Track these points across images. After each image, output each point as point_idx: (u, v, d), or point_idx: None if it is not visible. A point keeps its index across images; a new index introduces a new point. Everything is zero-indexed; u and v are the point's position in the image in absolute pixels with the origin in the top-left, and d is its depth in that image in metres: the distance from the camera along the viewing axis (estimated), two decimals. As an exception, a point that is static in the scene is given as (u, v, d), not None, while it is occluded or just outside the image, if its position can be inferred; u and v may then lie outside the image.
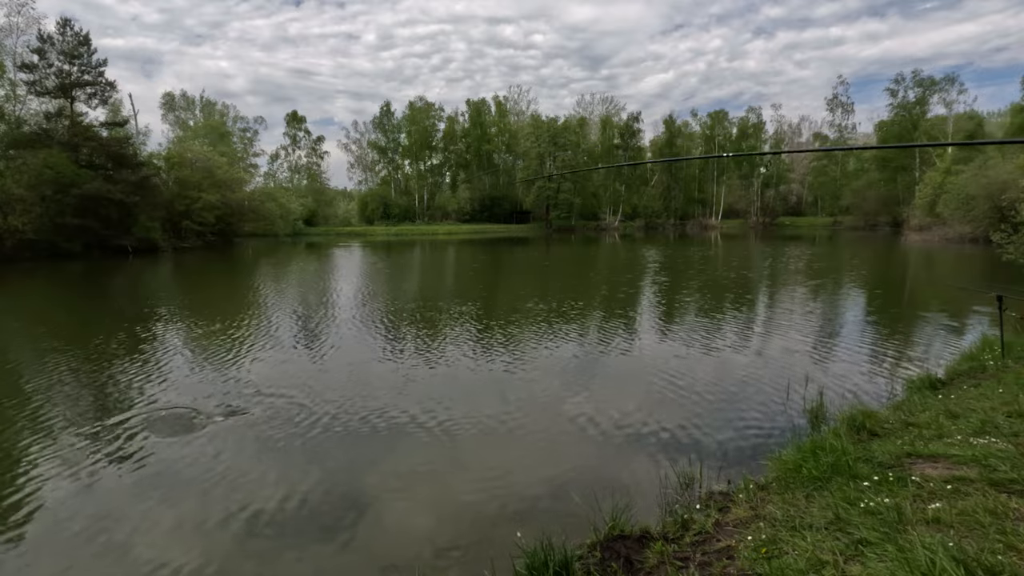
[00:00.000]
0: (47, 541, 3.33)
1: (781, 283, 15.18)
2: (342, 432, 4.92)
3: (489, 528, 3.37)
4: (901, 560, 2.04)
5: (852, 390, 5.72)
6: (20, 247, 26.67)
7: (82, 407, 5.67)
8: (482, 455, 4.42)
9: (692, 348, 7.80)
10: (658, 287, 14.91)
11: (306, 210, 56.13)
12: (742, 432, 4.65)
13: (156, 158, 40.58)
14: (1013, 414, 3.84)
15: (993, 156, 36.96)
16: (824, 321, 9.75)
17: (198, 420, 5.19)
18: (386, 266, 20.29)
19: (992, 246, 16.47)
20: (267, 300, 13.34)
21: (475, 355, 7.57)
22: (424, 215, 66.11)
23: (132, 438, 4.84)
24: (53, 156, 28.92)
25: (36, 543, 3.31)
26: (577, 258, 27.85)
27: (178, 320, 10.66)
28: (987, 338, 6.70)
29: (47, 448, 4.61)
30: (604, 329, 9.19)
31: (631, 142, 65.69)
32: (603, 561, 2.65)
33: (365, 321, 10.20)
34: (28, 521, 3.54)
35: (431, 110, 65.69)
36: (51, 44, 32.40)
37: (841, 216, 61.47)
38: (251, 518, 3.54)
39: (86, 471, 4.22)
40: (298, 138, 64.56)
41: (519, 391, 5.99)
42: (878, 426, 3.95)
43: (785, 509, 2.81)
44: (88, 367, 7.17)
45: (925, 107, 54.26)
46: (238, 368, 7.01)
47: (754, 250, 29.68)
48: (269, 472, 4.17)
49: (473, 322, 9.92)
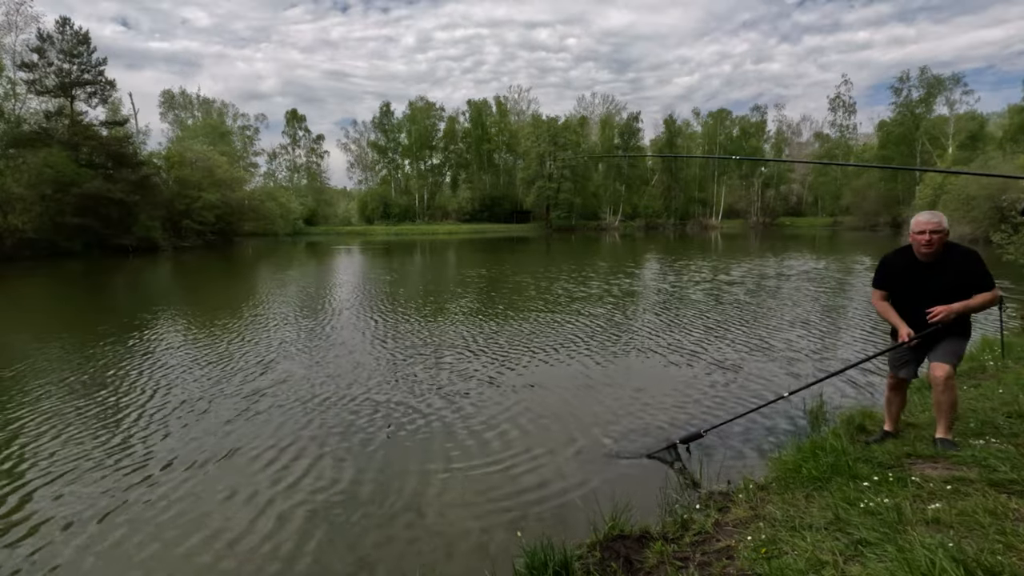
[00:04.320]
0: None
1: (786, 281, 15.18)
2: (340, 432, 4.92)
3: (489, 527, 3.37)
4: (901, 560, 2.04)
5: (852, 390, 5.72)
6: (20, 246, 26.71)
7: (83, 410, 5.67)
8: (481, 455, 4.42)
9: (692, 348, 7.79)
10: (663, 281, 14.91)
11: (306, 209, 56.17)
12: (742, 432, 4.64)
13: (156, 157, 40.59)
14: (1013, 414, 3.84)
15: (994, 156, 36.98)
16: (824, 321, 9.75)
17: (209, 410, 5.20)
18: (391, 278, 20.28)
19: (992, 246, 16.47)
20: (267, 300, 13.35)
21: (475, 356, 7.57)
22: (424, 215, 66.14)
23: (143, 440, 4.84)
24: (53, 155, 28.95)
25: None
26: (579, 254, 27.87)
27: (179, 319, 10.67)
28: (987, 338, 6.70)
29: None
30: (604, 330, 9.19)
31: (631, 142, 65.69)
32: (603, 561, 2.65)
33: (365, 323, 10.21)
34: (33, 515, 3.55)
35: (431, 110, 65.69)
36: (51, 43, 32.41)
37: (841, 216, 61.50)
38: (249, 518, 3.54)
39: (98, 475, 4.22)
40: (298, 137, 64.51)
41: (519, 391, 5.99)
42: (878, 426, 3.95)
43: (785, 509, 2.81)
44: (87, 368, 7.17)
45: (931, 105, 54.13)
46: (240, 364, 7.03)
47: (753, 250, 29.69)
48: (259, 468, 4.18)
49: (472, 319, 9.93)
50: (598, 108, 73.29)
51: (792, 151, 74.36)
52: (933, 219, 3.27)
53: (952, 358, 3.29)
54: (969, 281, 3.23)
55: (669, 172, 70.02)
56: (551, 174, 60.84)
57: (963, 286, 3.23)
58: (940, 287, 3.27)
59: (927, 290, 3.31)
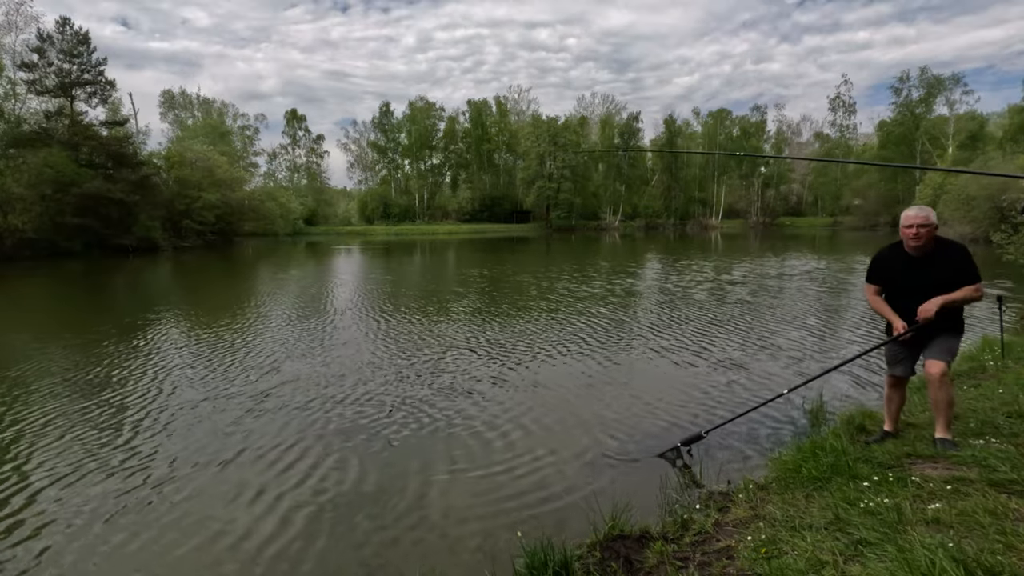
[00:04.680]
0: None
1: (787, 281, 15.18)
2: (343, 432, 4.92)
3: (489, 527, 3.37)
4: (901, 560, 2.05)
5: (852, 390, 5.72)
6: (20, 246, 26.71)
7: (85, 412, 5.67)
8: (483, 455, 4.42)
9: (693, 347, 7.80)
10: (664, 281, 14.91)
11: (306, 209, 56.18)
12: (742, 432, 4.65)
13: (156, 157, 40.60)
14: (1013, 414, 3.84)
15: (994, 156, 36.98)
16: (824, 321, 9.75)
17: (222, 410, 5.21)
18: (391, 281, 20.27)
19: (992, 246, 16.46)
20: (269, 300, 13.36)
21: (476, 356, 7.57)
22: (424, 215, 66.13)
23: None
24: (53, 155, 28.96)
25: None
26: (579, 254, 27.86)
27: (180, 319, 10.67)
28: (987, 338, 6.69)
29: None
30: (605, 329, 9.19)
31: (631, 142, 65.68)
32: (603, 561, 2.65)
33: (366, 323, 10.21)
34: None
35: (431, 110, 65.67)
36: (51, 43, 32.41)
37: (841, 216, 61.47)
38: (253, 519, 3.55)
39: (98, 475, 4.22)
40: (298, 137, 64.50)
41: (520, 391, 5.99)
42: (878, 426, 3.95)
43: (785, 509, 2.81)
44: (89, 368, 7.17)
45: (931, 105, 54.12)
46: (243, 363, 7.03)
47: (753, 249, 29.69)
48: (260, 470, 4.18)
49: (473, 319, 9.93)
50: (598, 108, 73.33)
51: (792, 151, 74.34)
52: (921, 213, 3.36)
53: (946, 355, 3.34)
54: (958, 275, 3.29)
55: (669, 172, 70.02)
56: (551, 174, 60.86)
57: (953, 279, 3.29)
58: (931, 280, 3.33)
59: (918, 283, 3.37)
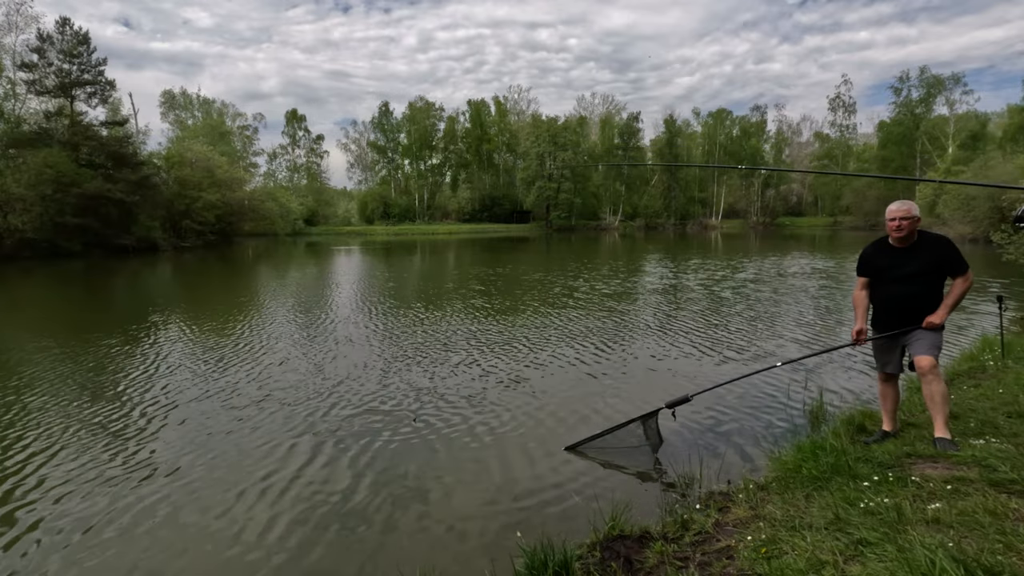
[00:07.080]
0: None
1: (786, 281, 15.18)
2: (344, 433, 4.92)
3: (489, 527, 3.37)
4: (901, 560, 2.05)
5: (852, 390, 5.72)
6: (20, 246, 26.74)
7: (85, 416, 5.67)
8: (483, 455, 4.42)
9: (692, 347, 7.79)
10: (665, 280, 14.92)
11: (306, 210, 56.20)
12: (742, 432, 4.65)
13: (156, 157, 40.62)
14: (1013, 414, 3.84)
15: (994, 156, 36.99)
16: (825, 321, 9.75)
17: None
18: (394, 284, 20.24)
19: (992, 246, 16.47)
20: (269, 300, 13.35)
21: (477, 356, 7.57)
22: (424, 215, 66.13)
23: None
24: (53, 155, 28.96)
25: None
26: (580, 254, 27.88)
27: (181, 319, 10.67)
28: (987, 338, 6.70)
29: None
30: (607, 329, 9.18)
31: (631, 142, 65.69)
32: (603, 561, 2.65)
33: (367, 323, 10.21)
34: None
35: (431, 110, 65.67)
36: (50, 43, 32.43)
37: (841, 216, 61.48)
38: (253, 518, 3.55)
39: (96, 473, 4.22)
40: (298, 137, 64.51)
41: (521, 391, 5.99)
42: (878, 426, 3.95)
43: (785, 509, 2.81)
44: (90, 368, 7.17)
45: (931, 105, 54.11)
46: (241, 365, 7.03)
47: (753, 249, 29.69)
48: (259, 472, 4.18)
49: (473, 319, 9.93)
50: (598, 108, 73.43)
51: (792, 151, 74.41)
52: (903, 207, 3.52)
53: (932, 349, 3.48)
54: (943, 265, 3.47)
55: (669, 172, 69.99)
56: (551, 174, 60.86)
57: (936, 269, 3.48)
58: (915, 270, 3.51)
59: (903, 274, 3.55)
